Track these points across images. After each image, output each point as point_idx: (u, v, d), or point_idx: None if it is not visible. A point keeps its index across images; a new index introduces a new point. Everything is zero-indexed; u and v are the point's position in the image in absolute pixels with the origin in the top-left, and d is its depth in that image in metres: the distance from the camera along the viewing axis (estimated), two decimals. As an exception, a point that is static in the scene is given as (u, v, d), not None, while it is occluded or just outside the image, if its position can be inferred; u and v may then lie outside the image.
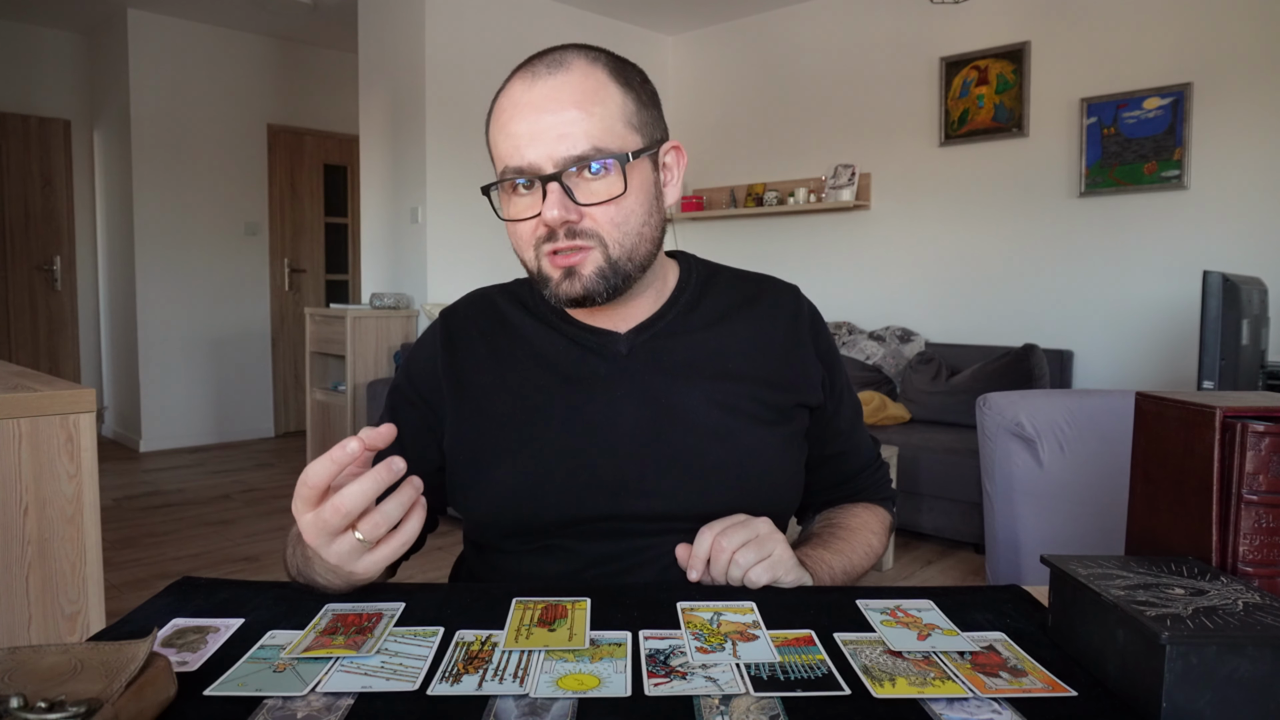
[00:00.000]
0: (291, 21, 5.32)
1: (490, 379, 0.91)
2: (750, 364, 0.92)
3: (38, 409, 1.37)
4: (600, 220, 0.81)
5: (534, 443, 0.87)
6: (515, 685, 0.57)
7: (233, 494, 4.32)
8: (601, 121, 0.80)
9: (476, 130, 4.50)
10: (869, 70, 4.53)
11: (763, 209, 4.83)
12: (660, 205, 0.87)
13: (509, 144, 0.80)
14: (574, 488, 0.85)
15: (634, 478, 0.85)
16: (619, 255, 0.82)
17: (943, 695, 0.57)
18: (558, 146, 0.78)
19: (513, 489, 0.86)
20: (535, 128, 0.79)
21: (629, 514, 0.85)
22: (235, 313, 5.63)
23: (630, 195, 0.81)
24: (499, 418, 0.89)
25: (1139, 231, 3.70)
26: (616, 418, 0.87)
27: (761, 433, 0.89)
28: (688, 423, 0.87)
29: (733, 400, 0.89)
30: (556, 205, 0.78)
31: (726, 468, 0.87)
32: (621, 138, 0.81)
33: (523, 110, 0.80)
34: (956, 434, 3.62)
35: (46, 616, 1.39)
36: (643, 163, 0.84)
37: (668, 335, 0.91)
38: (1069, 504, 1.34)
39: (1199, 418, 0.68)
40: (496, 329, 0.94)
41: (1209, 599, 0.58)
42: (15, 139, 5.33)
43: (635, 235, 0.83)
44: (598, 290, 0.82)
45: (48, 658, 0.53)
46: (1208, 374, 2.11)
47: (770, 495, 0.89)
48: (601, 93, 0.81)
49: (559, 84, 0.80)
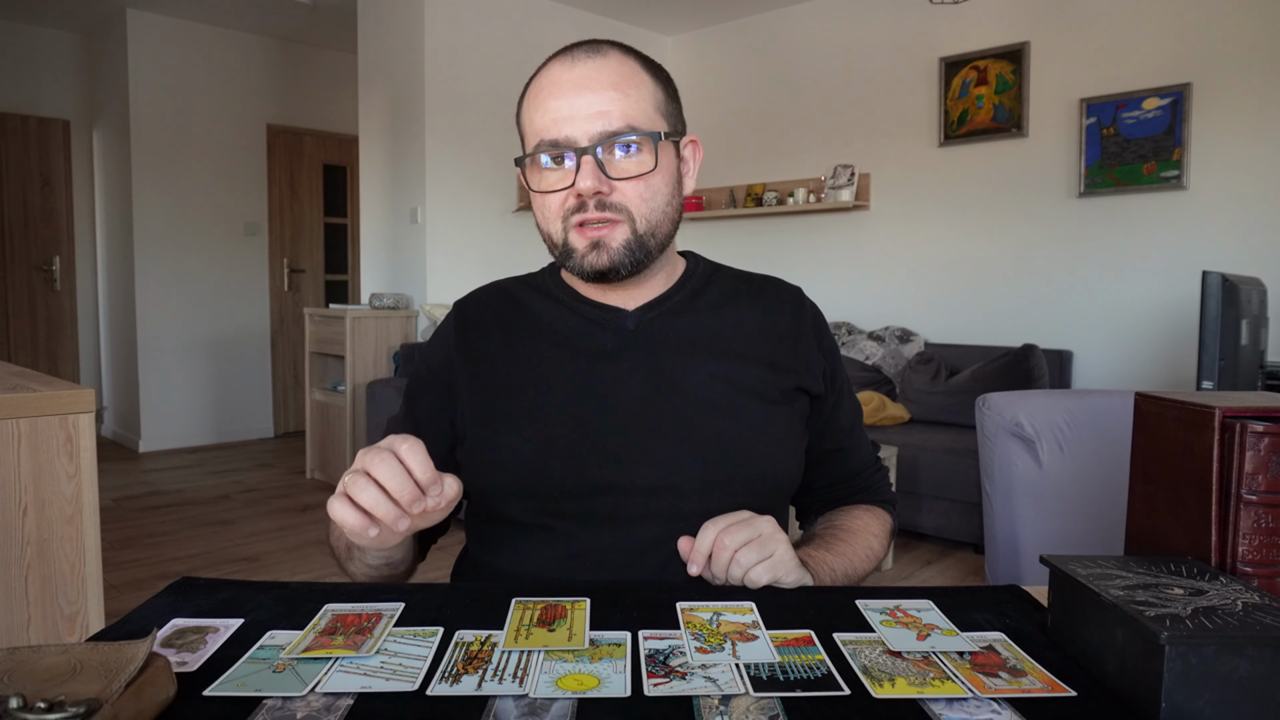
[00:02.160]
0: (291, 21, 5.32)
1: (501, 352, 0.95)
2: (753, 346, 0.95)
3: (37, 409, 1.37)
4: (629, 195, 0.85)
5: (541, 411, 0.90)
6: (515, 685, 0.57)
7: (232, 494, 4.32)
8: (636, 104, 0.85)
9: (476, 130, 4.50)
10: (869, 70, 4.53)
11: (762, 209, 4.83)
12: (680, 191, 0.92)
13: (546, 118, 0.85)
14: (578, 454, 0.87)
15: (637, 446, 0.88)
16: (645, 230, 0.87)
17: (942, 695, 0.57)
18: (594, 123, 0.83)
19: (519, 454, 0.89)
20: (574, 104, 0.83)
21: (631, 483, 0.87)
22: (235, 313, 5.63)
23: (658, 174, 0.86)
24: (508, 387, 0.92)
25: (1138, 232, 3.70)
26: (621, 389, 0.90)
27: (762, 409, 0.92)
28: (690, 396, 0.90)
29: (736, 377, 0.92)
30: (590, 176, 0.83)
31: (728, 439, 0.89)
32: (653, 120, 0.87)
33: (563, 88, 0.84)
34: (956, 434, 3.62)
35: (46, 617, 1.39)
36: (669, 146, 0.89)
37: (674, 314, 0.95)
38: (1068, 504, 1.34)
39: (1198, 418, 0.68)
40: (508, 308, 0.98)
41: (1208, 599, 0.58)
42: (15, 139, 5.33)
43: (660, 213, 0.88)
44: (623, 262, 0.86)
45: (47, 658, 0.53)
46: (1207, 374, 2.12)
47: (769, 469, 0.91)
48: (636, 79, 0.86)
49: (598, 66, 0.85)
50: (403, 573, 0.93)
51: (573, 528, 0.88)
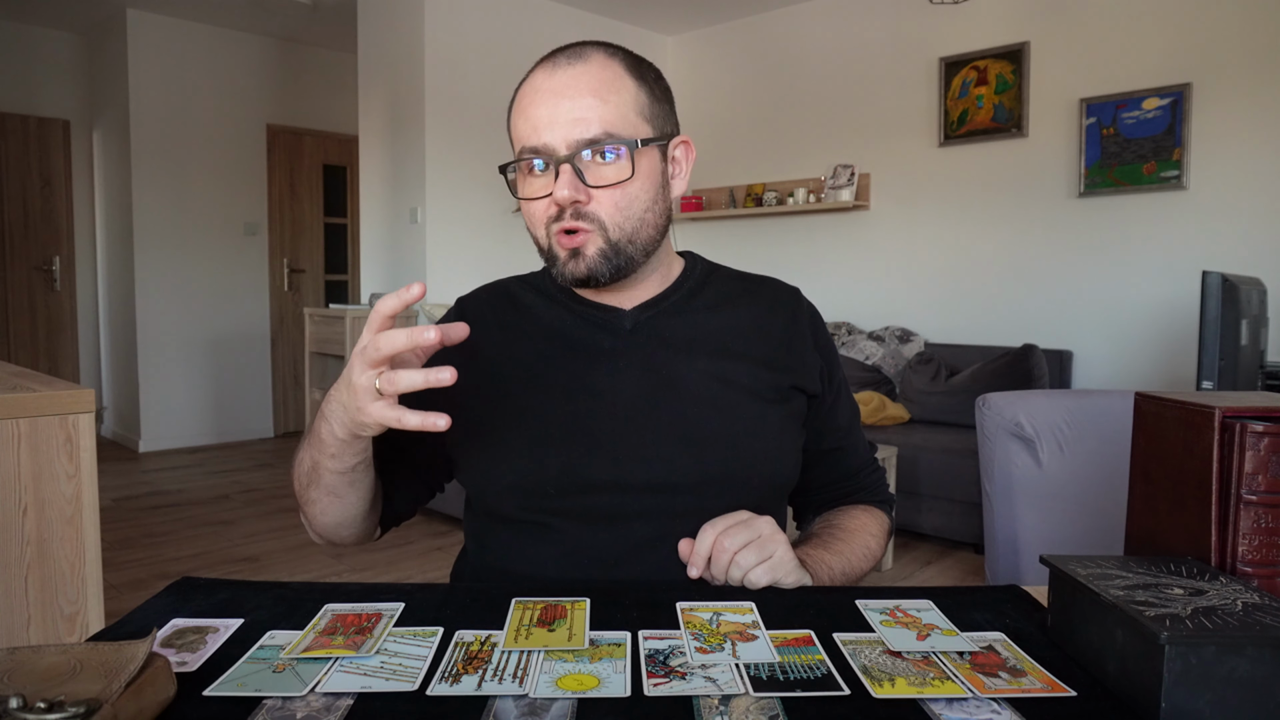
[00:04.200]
0: (291, 22, 5.32)
1: (499, 351, 0.95)
2: (750, 346, 0.95)
3: (37, 409, 1.37)
4: (604, 204, 0.85)
5: (538, 409, 0.90)
6: (515, 685, 0.57)
7: (232, 494, 4.32)
8: (615, 110, 0.85)
9: (476, 131, 4.50)
10: (869, 70, 4.53)
11: (762, 209, 4.83)
12: (666, 195, 0.92)
13: (528, 126, 0.85)
14: (575, 452, 0.88)
15: (633, 444, 0.88)
16: (619, 238, 0.87)
17: (942, 695, 0.57)
18: (573, 130, 0.83)
19: (516, 451, 0.89)
20: (553, 112, 0.84)
21: (628, 480, 0.87)
22: (234, 313, 5.63)
23: (636, 181, 0.86)
24: (505, 386, 0.92)
25: (1138, 232, 3.70)
26: (618, 387, 0.90)
27: (759, 407, 0.92)
28: (687, 394, 0.90)
29: (732, 376, 0.92)
30: (567, 185, 0.83)
31: (723, 437, 0.89)
32: (633, 126, 0.86)
33: (542, 95, 0.85)
34: (956, 434, 3.62)
35: (45, 617, 1.39)
36: (651, 151, 0.88)
37: (671, 314, 0.95)
38: (1068, 504, 1.34)
39: (1198, 418, 0.68)
40: (507, 307, 0.99)
41: (1208, 599, 0.58)
42: (14, 139, 5.32)
43: (638, 220, 0.87)
44: (601, 271, 0.87)
45: (47, 658, 0.53)
46: (1207, 374, 2.12)
47: (765, 467, 0.91)
48: (617, 83, 0.86)
49: (578, 73, 0.85)
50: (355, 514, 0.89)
51: (570, 525, 0.88)
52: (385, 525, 0.99)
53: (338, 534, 0.92)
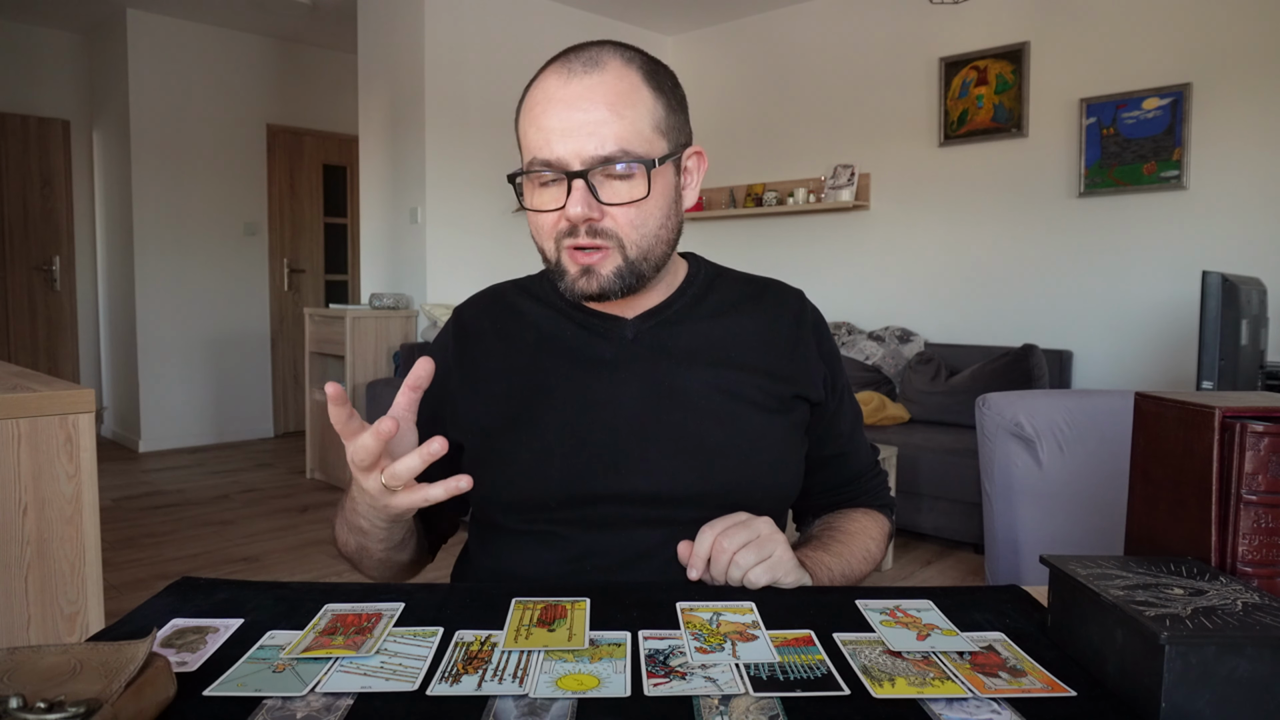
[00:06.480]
0: (291, 22, 5.32)
1: (499, 363, 0.94)
2: (753, 355, 0.93)
3: (37, 409, 1.37)
4: (620, 221, 0.83)
5: (539, 420, 0.89)
6: (515, 685, 0.57)
7: (232, 494, 4.32)
8: (632, 125, 0.81)
9: (476, 131, 4.50)
10: (869, 70, 4.53)
11: (762, 209, 4.83)
12: (679, 208, 0.89)
13: (540, 137, 0.82)
14: (577, 463, 0.87)
15: (635, 455, 0.87)
16: (636, 256, 0.85)
17: (942, 695, 0.57)
18: (586, 144, 0.80)
19: (518, 463, 0.88)
20: (567, 124, 0.80)
21: (630, 492, 0.87)
22: (234, 313, 5.63)
23: (651, 200, 0.83)
24: (506, 397, 0.91)
25: (1138, 232, 3.70)
26: (620, 398, 0.89)
27: (762, 418, 0.91)
28: (689, 405, 0.89)
29: (734, 386, 0.91)
30: (581, 202, 0.80)
31: (726, 449, 0.88)
32: (649, 142, 0.83)
33: (556, 105, 0.81)
34: (956, 434, 3.62)
35: (45, 617, 1.39)
36: (666, 168, 0.85)
37: (673, 323, 0.93)
38: (1068, 504, 1.34)
39: (1198, 418, 0.68)
40: (506, 317, 0.97)
41: (1208, 599, 0.58)
42: (14, 139, 5.32)
43: (652, 238, 0.85)
44: (613, 289, 0.85)
45: (47, 658, 0.53)
46: (1207, 374, 2.11)
47: (768, 479, 0.90)
48: (634, 96, 0.82)
49: (594, 83, 0.81)
50: (409, 562, 0.96)
51: (573, 533, 0.88)
52: (434, 548, 1.03)
53: (398, 579, 0.95)
